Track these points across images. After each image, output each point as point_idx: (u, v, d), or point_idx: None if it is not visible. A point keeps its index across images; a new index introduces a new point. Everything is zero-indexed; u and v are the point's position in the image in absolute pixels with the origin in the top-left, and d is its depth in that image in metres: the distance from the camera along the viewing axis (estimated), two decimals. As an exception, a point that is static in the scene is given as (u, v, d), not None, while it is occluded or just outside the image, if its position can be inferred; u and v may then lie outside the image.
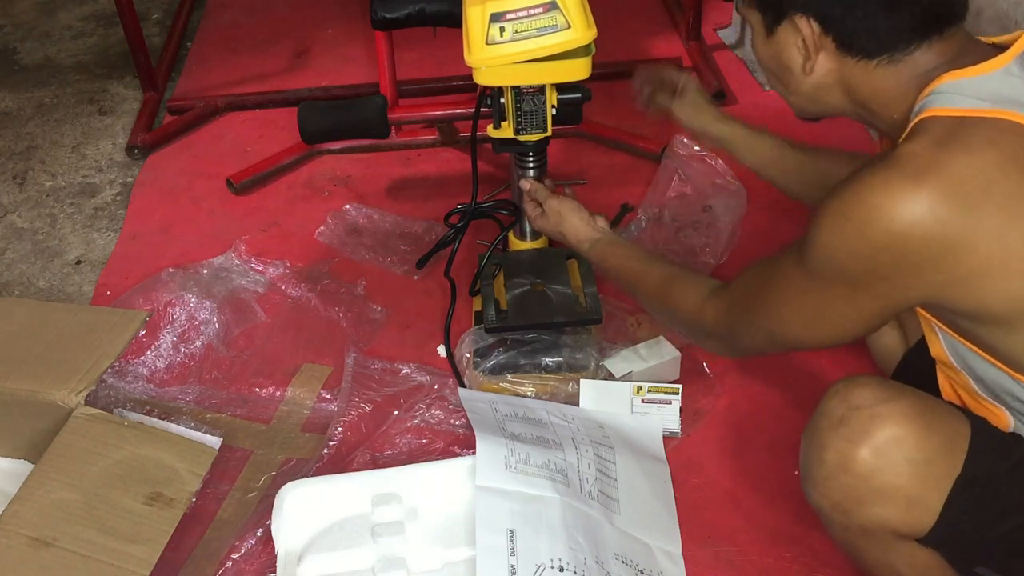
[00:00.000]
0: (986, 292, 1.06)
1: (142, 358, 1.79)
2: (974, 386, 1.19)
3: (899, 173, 1.04)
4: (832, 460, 1.15)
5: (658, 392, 1.65)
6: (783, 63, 1.21)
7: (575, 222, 1.62)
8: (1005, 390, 1.15)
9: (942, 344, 1.20)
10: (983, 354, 1.14)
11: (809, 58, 1.17)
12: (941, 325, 1.18)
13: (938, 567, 1.21)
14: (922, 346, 1.33)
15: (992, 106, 1.05)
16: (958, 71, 1.08)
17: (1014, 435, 1.17)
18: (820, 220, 1.10)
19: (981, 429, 1.16)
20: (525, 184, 1.70)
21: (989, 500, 1.13)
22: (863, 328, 1.19)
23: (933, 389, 1.24)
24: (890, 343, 1.54)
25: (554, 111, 1.58)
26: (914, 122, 1.08)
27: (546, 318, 1.69)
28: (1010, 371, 1.12)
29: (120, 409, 1.63)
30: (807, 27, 1.15)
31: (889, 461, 1.12)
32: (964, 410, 1.20)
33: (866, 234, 1.05)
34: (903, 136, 1.09)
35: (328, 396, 1.73)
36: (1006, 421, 1.17)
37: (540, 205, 1.68)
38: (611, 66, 2.44)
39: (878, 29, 1.12)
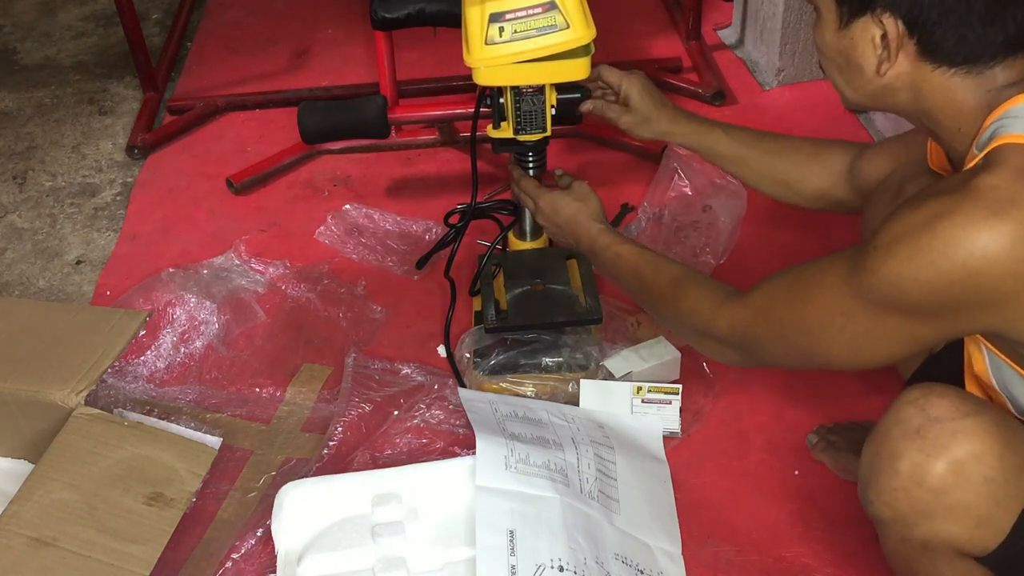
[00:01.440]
0: None
1: (142, 358, 1.79)
2: (1011, 407, 1.17)
3: (980, 206, 1.00)
4: (906, 471, 1.09)
5: (658, 392, 1.65)
6: (853, 60, 1.14)
7: (570, 215, 1.56)
8: None
9: (986, 363, 1.17)
10: None
11: (887, 59, 1.11)
12: (990, 346, 1.14)
13: None
14: (945, 354, 1.31)
15: None
16: None
17: None
18: (886, 247, 1.05)
19: None
20: (515, 184, 1.67)
21: None
22: (911, 353, 1.15)
23: None
24: None
25: (553, 111, 1.58)
26: (989, 148, 1.04)
27: (546, 318, 1.69)
28: None
29: (120, 409, 1.63)
30: (892, 26, 1.08)
31: (966, 478, 1.07)
32: None
33: (941, 267, 1.01)
34: (976, 161, 1.05)
35: (328, 396, 1.73)
36: None
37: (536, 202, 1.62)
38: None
39: (968, 39, 1.06)
